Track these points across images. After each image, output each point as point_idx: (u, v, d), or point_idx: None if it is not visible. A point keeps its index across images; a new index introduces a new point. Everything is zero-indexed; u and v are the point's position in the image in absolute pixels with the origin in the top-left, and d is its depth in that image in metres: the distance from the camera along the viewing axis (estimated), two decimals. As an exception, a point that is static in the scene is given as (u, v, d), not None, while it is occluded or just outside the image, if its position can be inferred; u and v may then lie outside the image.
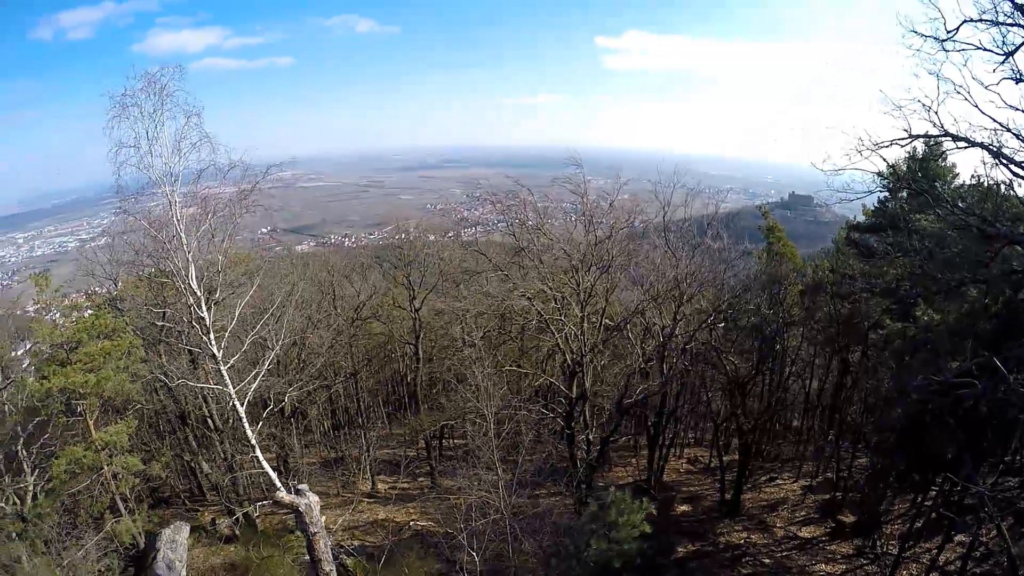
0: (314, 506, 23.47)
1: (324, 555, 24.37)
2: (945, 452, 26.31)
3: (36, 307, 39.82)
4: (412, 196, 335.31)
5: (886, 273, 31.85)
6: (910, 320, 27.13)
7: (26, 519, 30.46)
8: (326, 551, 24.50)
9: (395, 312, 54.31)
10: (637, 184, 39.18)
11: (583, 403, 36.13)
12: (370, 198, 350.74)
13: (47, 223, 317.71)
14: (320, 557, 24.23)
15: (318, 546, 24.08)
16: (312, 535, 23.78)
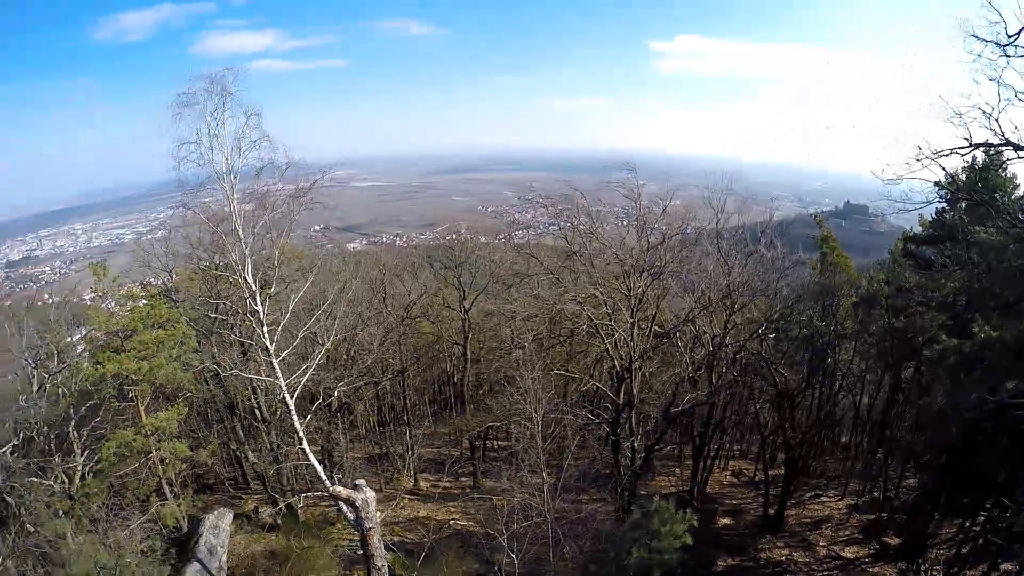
0: (370, 502, 23.59)
1: (377, 550, 24.51)
2: (997, 474, 25.47)
3: (92, 295, 40.75)
4: (463, 198, 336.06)
5: (943, 287, 30.93)
6: (966, 336, 26.29)
7: (73, 498, 31.28)
8: (379, 547, 24.64)
9: (444, 312, 54.49)
10: (689, 190, 38.71)
11: (630, 410, 35.69)
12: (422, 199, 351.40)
13: (105, 215, 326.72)
14: (373, 552, 24.37)
15: (372, 541, 24.20)
16: (367, 530, 23.91)
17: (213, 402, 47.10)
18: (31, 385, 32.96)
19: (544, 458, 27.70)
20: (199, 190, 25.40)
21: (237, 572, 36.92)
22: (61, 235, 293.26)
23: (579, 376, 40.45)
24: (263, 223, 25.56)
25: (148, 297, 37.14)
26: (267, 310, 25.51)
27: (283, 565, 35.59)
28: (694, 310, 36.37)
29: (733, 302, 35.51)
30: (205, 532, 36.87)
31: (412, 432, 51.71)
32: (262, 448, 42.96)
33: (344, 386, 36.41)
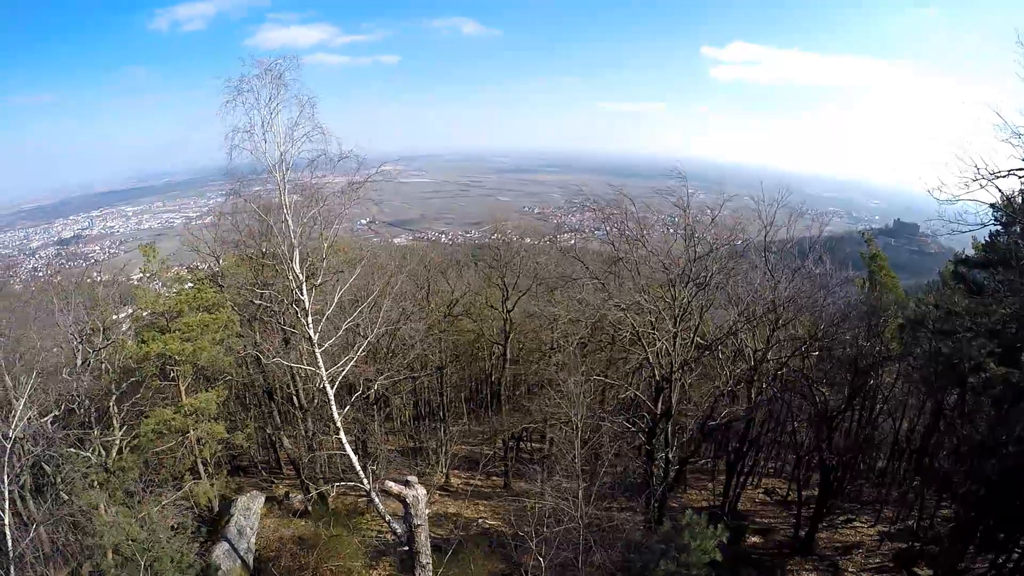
0: (420, 499, 23.65)
1: (424, 548, 24.55)
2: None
3: (140, 276, 41.48)
4: (510, 198, 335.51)
5: (993, 312, 30.04)
6: (1014, 366, 25.61)
7: (109, 470, 32.03)
8: (426, 544, 24.69)
9: (486, 311, 54.17)
10: (739, 200, 37.94)
11: (667, 420, 35.21)
12: (469, 197, 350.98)
13: (156, 199, 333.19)
14: (419, 549, 24.41)
15: (419, 538, 24.25)
16: (415, 527, 23.95)
17: (252, 386, 47.75)
18: (75, 359, 33.65)
19: (580, 464, 27.56)
20: (250, 179, 25.69)
21: (265, 555, 37.43)
22: (112, 216, 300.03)
23: (618, 383, 40.04)
24: (313, 214, 25.73)
25: (195, 281, 37.78)
26: (312, 300, 25.75)
27: (310, 551, 35.97)
28: (737, 323, 35.88)
29: (777, 317, 34.99)
30: (236, 513, 37.48)
31: (447, 428, 51.98)
32: (297, 435, 43.41)
33: (384, 379, 36.53)
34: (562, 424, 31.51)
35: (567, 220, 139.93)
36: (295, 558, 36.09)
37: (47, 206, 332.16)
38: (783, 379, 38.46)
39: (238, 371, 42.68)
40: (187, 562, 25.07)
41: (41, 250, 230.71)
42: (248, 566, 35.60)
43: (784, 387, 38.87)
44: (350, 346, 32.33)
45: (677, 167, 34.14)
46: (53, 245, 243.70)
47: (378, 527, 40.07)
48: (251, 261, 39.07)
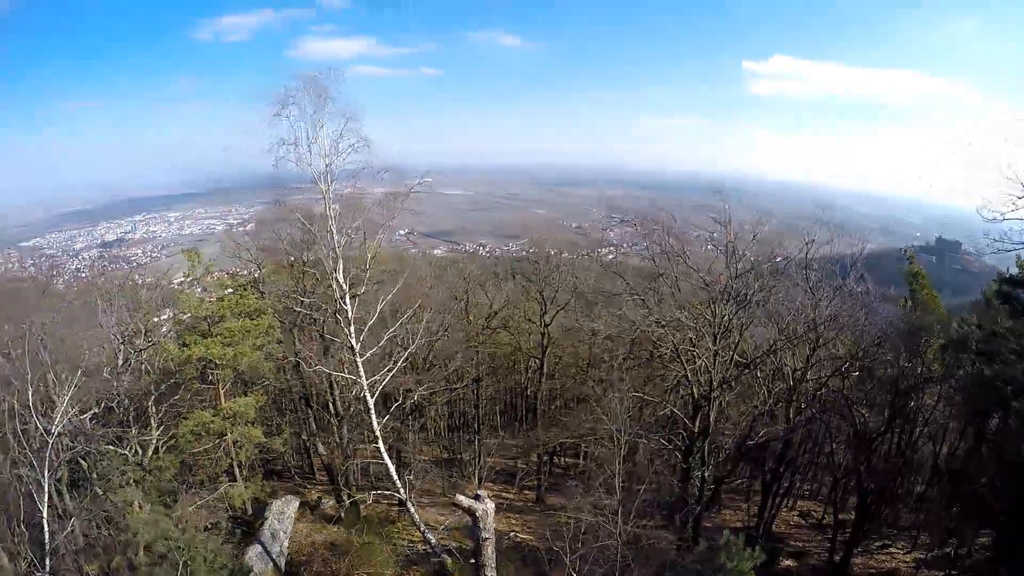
0: (490, 513, 23.72)
1: (489, 561, 24.66)
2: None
3: (183, 280, 42.14)
4: (548, 211, 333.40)
5: (1039, 335, 29.53)
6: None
7: (146, 468, 32.48)
8: (492, 557, 24.79)
9: (524, 325, 53.90)
10: (781, 216, 37.64)
11: (704, 439, 34.89)
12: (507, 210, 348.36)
13: (198, 205, 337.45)
14: (485, 563, 24.52)
15: (486, 552, 24.35)
16: (483, 540, 24.05)
17: (289, 392, 48.17)
18: (117, 359, 34.28)
19: (620, 480, 27.35)
20: (293, 189, 26.09)
21: (297, 559, 37.56)
22: (154, 221, 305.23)
23: (656, 400, 39.67)
24: (357, 224, 26.02)
25: (236, 287, 38.18)
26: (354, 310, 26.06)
27: (342, 557, 36.04)
28: (778, 342, 35.52)
29: (818, 336, 34.48)
30: (271, 517, 37.78)
31: (481, 440, 51.90)
32: (331, 441, 43.67)
33: (424, 390, 36.66)
34: (602, 440, 31.32)
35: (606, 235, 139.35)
36: (326, 563, 36.14)
37: (91, 209, 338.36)
38: (822, 399, 37.86)
39: (276, 377, 43.24)
40: (220, 563, 25.17)
41: (84, 252, 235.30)
42: (280, 569, 35.80)
43: (823, 408, 38.26)
44: (387, 356, 32.62)
45: (717, 183, 34.12)
46: (96, 247, 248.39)
47: (409, 536, 40.13)
48: (292, 268, 39.57)
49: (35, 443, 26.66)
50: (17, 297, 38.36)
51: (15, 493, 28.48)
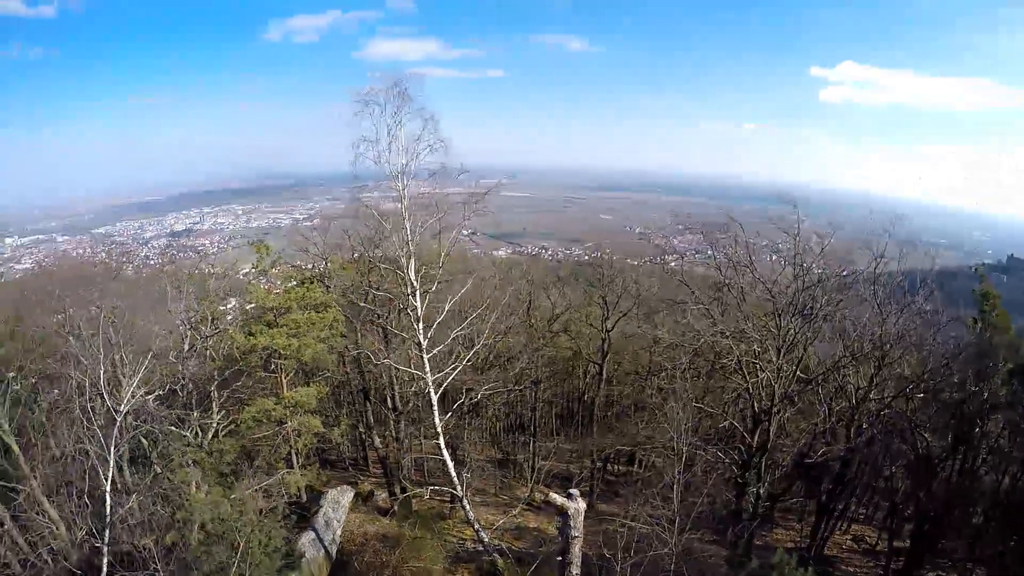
0: (580, 512, 23.83)
1: (576, 559, 24.63)
2: None
3: (249, 271, 43.17)
4: (612, 216, 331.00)
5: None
6: None
7: (207, 451, 33.72)
8: (578, 556, 24.79)
9: (585, 329, 53.84)
10: (848, 229, 36.75)
11: (762, 454, 34.35)
12: (570, 213, 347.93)
13: (265, 200, 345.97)
14: (572, 560, 24.51)
15: (573, 551, 24.36)
16: (571, 539, 24.07)
17: (348, 384, 48.98)
18: (183, 344, 35.43)
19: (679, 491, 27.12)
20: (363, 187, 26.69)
21: (348, 548, 38.29)
22: (222, 213, 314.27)
23: (719, 412, 39.05)
24: (430, 224, 26.53)
25: (301, 280, 38.86)
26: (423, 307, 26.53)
27: (392, 550, 36.63)
28: (843, 359, 34.83)
29: (884, 354, 33.68)
30: (326, 505, 38.50)
31: (536, 443, 51.86)
32: (388, 435, 44.22)
33: (487, 390, 36.91)
34: (660, 449, 31.11)
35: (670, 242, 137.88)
36: (377, 555, 36.75)
37: (161, 200, 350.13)
38: (884, 420, 36.98)
39: (337, 369, 44.27)
40: (274, 546, 25.69)
41: (154, 240, 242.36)
42: (331, 557, 36.53)
43: (885, 429, 37.35)
44: (449, 354, 32.96)
45: (784, 192, 33.55)
46: (165, 236, 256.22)
47: (459, 533, 40.41)
48: (358, 264, 40.23)
49: (100, 420, 27.50)
50: (89, 281, 39.48)
51: (79, 467, 29.63)
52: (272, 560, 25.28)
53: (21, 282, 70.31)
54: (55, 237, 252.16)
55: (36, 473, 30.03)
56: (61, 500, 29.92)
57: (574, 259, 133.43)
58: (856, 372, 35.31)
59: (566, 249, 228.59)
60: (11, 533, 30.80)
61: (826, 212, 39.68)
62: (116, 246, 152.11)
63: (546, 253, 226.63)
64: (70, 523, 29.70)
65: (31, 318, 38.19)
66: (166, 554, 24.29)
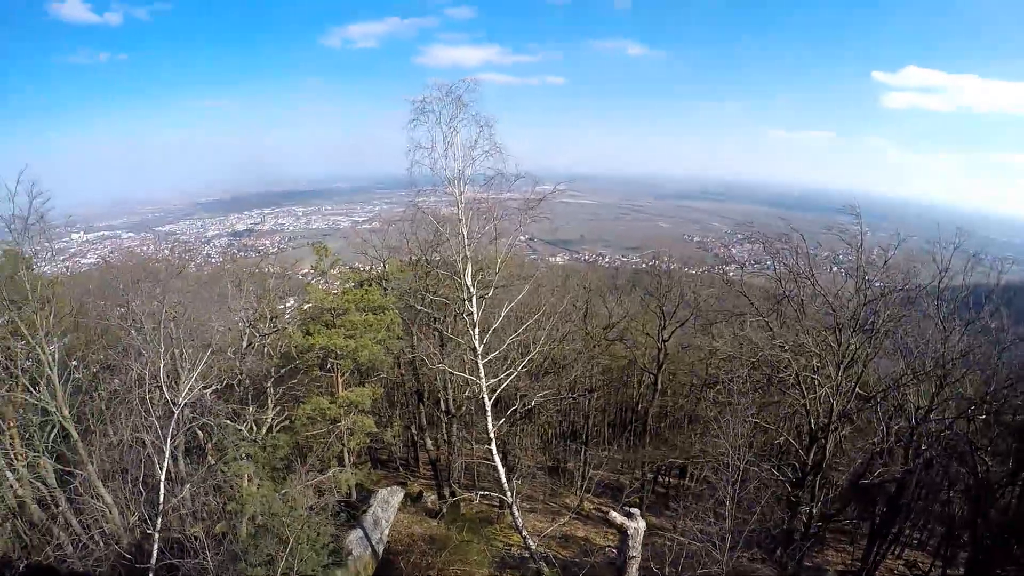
0: (640, 531, 23.80)
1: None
2: None
3: (308, 271, 43.91)
4: (670, 224, 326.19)
5: None
6: None
7: (260, 445, 34.43)
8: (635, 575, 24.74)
9: (641, 339, 53.41)
10: (912, 241, 35.54)
11: (816, 473, 33.55)
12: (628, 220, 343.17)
13: (325, 202, 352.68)
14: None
15: (630, 570, 24.39)
16: (629, 559, 24.11)
17: (403, 386, 49.64)
18: (242, 340, 36.21)
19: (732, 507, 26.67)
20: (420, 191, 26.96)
21: (394, 548, 38.80)
22: (282, 214, 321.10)
23: (772, 428, 38.43)
24: (488, 230, 26.67)
25: (359, 282, 39.38)
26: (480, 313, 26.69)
27: (439, 552, 36.97)
28: (904, 376, 33.82)
29: (946, 373, 32.58)
30: (375, 504, 38.94)
31: (588, 452, 51.55)
32: (439, 438, 44.52)
33: (542, 398, 36.90)
34: (715, 463, 30.59)
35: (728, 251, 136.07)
36: (423, 556, 37.08)
37: (223, 200, 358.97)
38: (944, 442, 35.86)
39: (393, 371, 44.80)
40: (322, 542, 26.07)
41: (216, 239, 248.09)
42: (377, 555, 37.01)
43: (944, 451, 36.21)
44: (503, 359, 33.03)
45: (847, 201, 32.67)
46: (227, 236, 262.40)
47: (506, 539, 40.45)
48: (415, 267, 40.58)
49: (158, 411, 28.23)
50: (153, 277, 40.49)
51: (135, 455, 30.52)
52: (319, 556, 25.63)
53: (86, 275, 72.23)
54: (120, 234, 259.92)
55: (93, 459, 31.23)
56: (116, 486, 31.19)
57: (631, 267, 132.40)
58: (917, 391, 34.31)
59: (623, 256, 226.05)
60: (66, 514, 32.18)
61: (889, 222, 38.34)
62: (179, 244, 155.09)
63: (603, 260, 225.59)
64: (123, 508, 30.88)
65: (95, 310, 39.15)
66: (216, 544, 24.71)
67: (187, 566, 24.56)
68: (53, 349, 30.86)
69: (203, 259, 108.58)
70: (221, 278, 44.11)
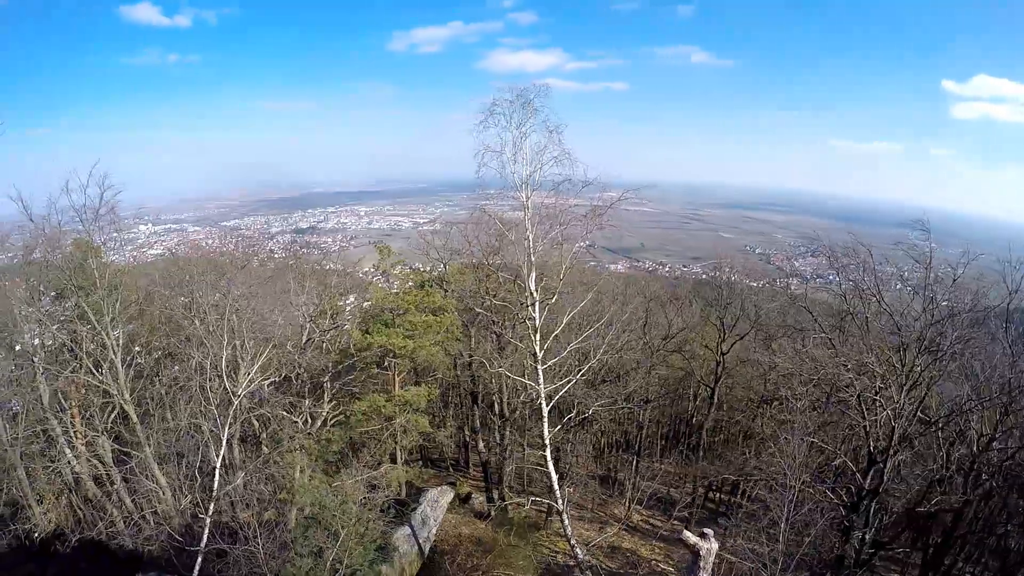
0: (712, 552, 23.73)
1: None
2: None
3: (368, 270, 44.50)
4: (733, 235, 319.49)
5: None
6: None
7: (315, 438, 35.40)
8: None
9: (699, 351, 52.99)
10: (981, 259, 34.09)
11: (872, 498, 32.54)
12: (690, 230, 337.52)
13: (387, 203, 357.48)
14: None
15: None
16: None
17: (458, 387, 50.15)
18: (301, 335, 36.77)
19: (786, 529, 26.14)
20: (490, 194, 27.16)
21: (441, 547, 39.09)
22: (345, 214, 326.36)
23: (831, 449, 37.12)
24: (553, 235, 26.75)
25: (420, 282, 39.83)
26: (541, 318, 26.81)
27: (485, 554, 37.14)
28: (968, 401, 32.60)
29: (1011, 400, 31.44)
30: (425, 503, 39.27)
31: (640, 463, 51.33)
32: (492, 440, 44.70)
33: (599, 406, 36.70)
34: (771, 482, 30.00)
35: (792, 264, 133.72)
36: (469, 557, 37.29)
37: (289, 198, 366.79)
38: (1005, 472, 34.60)
39: (449, 372, 45.38)
40: (370, 537, 26.33)
41: (279, 236, 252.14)
42: (423, 554, 37.34)
43: (1005, 482, 34.93)
44: (560, 366, 33.02)
45: (915, 216, 31.67)
46: (290, 233, 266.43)
47: (552, 545, 40.43)
48: (476, 270, 40.84)
49: (217, 399, 28.96)
50: (218, 270, 41.58)
51: (191, 441, 31.39)
52: (366, 550, 25.96)
53: (152, 266, 74.25)
54: (186, 227, 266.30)
55: (150, 441, 32.52)
56: (170, 469, 32.39)
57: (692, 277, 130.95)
58: (980, 417, 33.18)
59: (684, 266, 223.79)
60: (120, 492, 33.44)
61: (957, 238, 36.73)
62: (243, 239, 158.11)
63: (663, 269, 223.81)
64: (176, 490, 31.82)
65: (159, 300, 40.30)
66: (267, 533, 25.12)
67: (237, 551, 25.02)
68: (117, 335, 32.05)
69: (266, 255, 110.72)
70: (284, 274, 44.99)
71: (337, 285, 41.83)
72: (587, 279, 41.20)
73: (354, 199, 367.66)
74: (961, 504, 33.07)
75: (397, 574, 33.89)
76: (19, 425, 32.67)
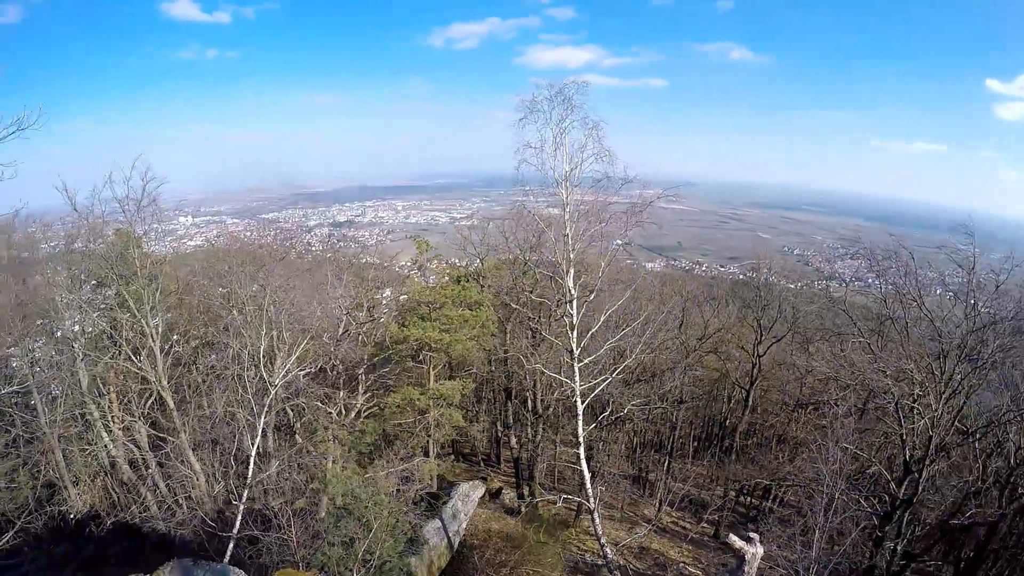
0: (758, 557, 23.74)
1: None
2: None
3: (407, 264, 44.82)
4: (772, 236, 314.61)
5: None
6: None
7: (348, 429, 35.64)
8: None
9: (735, 352, 52.50)
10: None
11: (906, 508, 32.02)
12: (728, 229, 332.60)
13: (424, 198, 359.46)
14: None
15: None
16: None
17: (491, 383, 50.38)
18: (338, 328, 37.09)
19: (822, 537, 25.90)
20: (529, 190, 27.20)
21: (470, 541, 39.27)
22: (383, 208, 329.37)
23: (867, 457, 36.53)
24: (592, 232, 26.70)
25: (457, 277, 40.06)
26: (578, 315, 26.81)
27: (514, 550, 37.12)
28: (1008, 412, 31.92)
29: (1049, 410, 30.81)
30: (456, 497, 39.49)
31: (672, 464, 51.08)
32: (524, 437, 44.82)
33: (635, 406, 36.60)
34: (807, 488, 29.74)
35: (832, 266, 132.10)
36: (498, 553, 37.17)
37: (326, 192, 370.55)
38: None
39: (484, 367, 45.70)
40: (401, 529, 26.47)
41: (316, 229, 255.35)
42: (452, 548, 37.52)
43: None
44: (595, 364, 32.97)
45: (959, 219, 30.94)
46: (327, 226, 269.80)
47: (580, 543, 40.52)
48: (513, 266, 40.94)
49: (253, 388, 29.41)
50: (257, 262, 42.08)
51: (226, 428, 31.96)
52: (396, 542, 26.11)
53: (192, 256, 75.30)
54: (225, 219, 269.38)
55: (186, 428, 33.23)
56: (204, 455, 32.90)
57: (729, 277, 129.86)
58: (1019, 428, 32.54)
59: (721, 266, 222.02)
60: (154, 477, 34.22)
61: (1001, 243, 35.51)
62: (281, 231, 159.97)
63: (700, 268, 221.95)
64: (209, 477, 32.35)
65: (198, 289, 41.04)
66: (299, 521, 25.43)
67: (270, 538, 25.38)
68: (156, 323, 32.71)
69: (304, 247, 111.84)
70: (322, 266, 45.46)
71: (374, 278, 42.10)
72: (624, 277, 40.94)
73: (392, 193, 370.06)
74: (996, 518, 32.46)
75: (426, 567, 34.03)
76: (58, 408, 33.41)
